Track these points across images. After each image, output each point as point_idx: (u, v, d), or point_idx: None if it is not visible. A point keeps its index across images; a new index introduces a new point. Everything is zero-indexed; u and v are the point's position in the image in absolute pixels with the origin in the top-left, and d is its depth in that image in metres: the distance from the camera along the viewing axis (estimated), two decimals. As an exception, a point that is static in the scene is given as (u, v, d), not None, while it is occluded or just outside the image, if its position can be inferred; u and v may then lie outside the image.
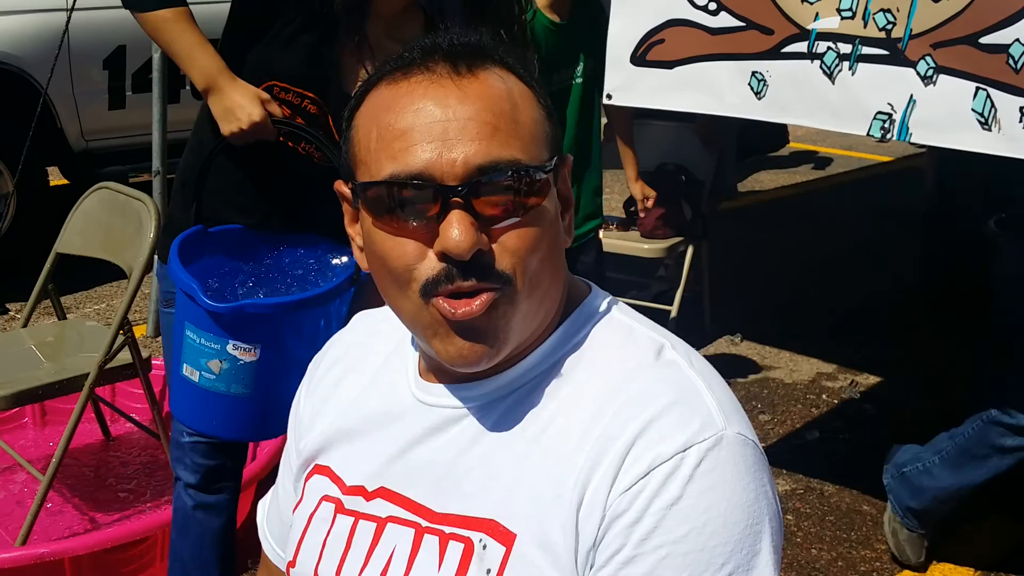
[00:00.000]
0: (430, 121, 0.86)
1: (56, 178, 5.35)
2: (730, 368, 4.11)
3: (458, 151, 0.85)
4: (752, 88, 2.25)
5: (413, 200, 0.86)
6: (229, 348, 1.75)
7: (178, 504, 2.08)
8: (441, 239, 0.85)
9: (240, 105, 1.79)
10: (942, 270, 4.64)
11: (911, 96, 2.02)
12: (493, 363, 0.91)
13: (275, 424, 1.62)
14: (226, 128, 1.81)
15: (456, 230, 0.84)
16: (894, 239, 5.56)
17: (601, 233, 4.25)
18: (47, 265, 2.98)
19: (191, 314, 1.78)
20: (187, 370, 1.80)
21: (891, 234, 5.67)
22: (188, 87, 4.57)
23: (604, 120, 4.16)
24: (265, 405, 1.81)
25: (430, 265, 0.87)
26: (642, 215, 3.97)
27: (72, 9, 3.54)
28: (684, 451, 0.84)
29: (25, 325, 3.06)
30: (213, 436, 1.96)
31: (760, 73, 2.23)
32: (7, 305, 4.50)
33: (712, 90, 2.33)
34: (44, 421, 3.32)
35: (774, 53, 2.21)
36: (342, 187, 0.98)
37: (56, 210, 3.49)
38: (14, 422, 3.30)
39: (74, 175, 5.18)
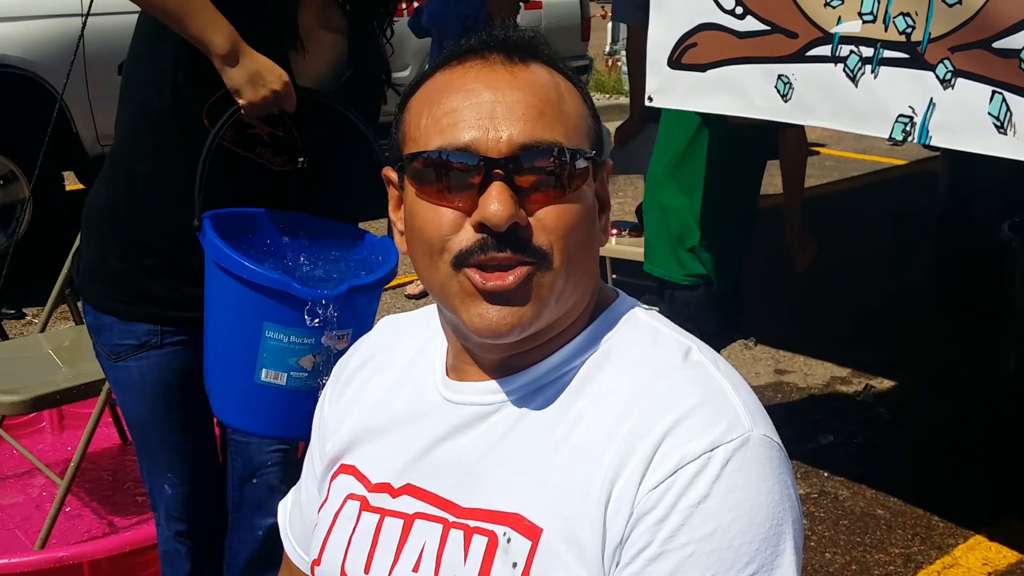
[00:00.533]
0: (479, 101, 0.90)
1: (72, 183, 5.39)
2: (745, 372, 4.10)
3: (504, 130, 0.89)
4: (779, 91, 2.27)
5: (457, 172, 0.89)
6: (324, 340, 1.65)
7: (168, 548, 2.03)
8: (480, 209, 0.88)
9: (268, 67, 1.67)
10: (956, 273, 4.63)
11: (931, 99, 2.01)
12: (523, 335, 0.92)
13: None
14: (255, 94, 1.66)
15: (496, 202, 0.87)
16: (908, 242, 5.55)
17: (613, 240, 4.28)
18: (64, 270, 3.00)
19: (272, 313, 1.64)
20: (268, 375, 1.68)
21: (905, 237, 5.66)
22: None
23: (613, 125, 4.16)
24: None
25: (466, 235, 0.90)
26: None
27: (88, 14, 3.57)
28: (711, 451, 0.85)
29: (43, 330, 3.08)
30: (300, 439, 1.88)
31: (786, 76, 2.25)
32: (24, 310, 4.54)
33: (742, 92, 2.35)
34: (62, 425, 3.34)
35: (799, 56, 2.22)
36: (389, 172, 1.01)
37: (72, 215, 3.50)
38: (32, 426, 3.32)
39: (90, 180, 5.21)
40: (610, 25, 11.83)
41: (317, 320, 1.62)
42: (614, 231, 4.32)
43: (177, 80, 1.72)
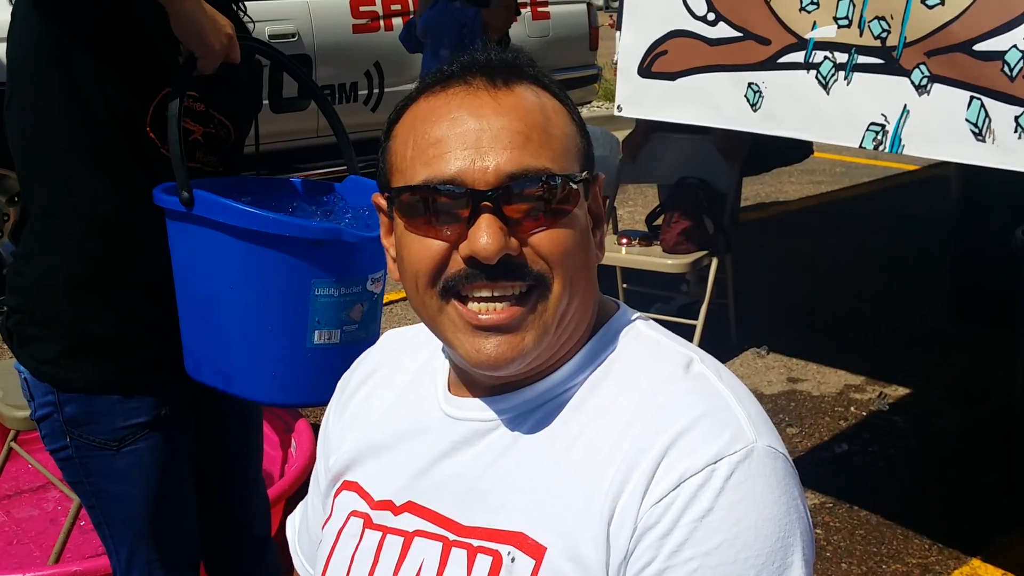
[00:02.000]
0: (464, 130, 0.89)
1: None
2: (757, 381, 4.09)
3: (490, 159, 0.88)
4: (748, 100, 2.23)
5: (445, 205, 0.89)
6: (368, 284, 1.56)
7: None
8: (469, 242, 0.87)
9: (216, 13, 1.57)
10: (971, 280, 4.60)
11: (905, 106, 1.96)
12: (522, 366, 0.91)
13: None
14: (217, 39, 1.55)
15: (485, 234, 0.86)
16: (921, 248, 5.53)
17: (623, 250, 4.28)
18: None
19: (321, 268, 1.52)
20: (321, 337, 1.55)
21: (918, 243, 5.64)
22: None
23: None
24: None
25: (455, 266, 0.89)
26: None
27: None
28: (715, 463, 0.84)
29: (56, 345, 3.08)
30: None
31: (756, 84, 2.21)
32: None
33: (710, 102, 2.31)
34: (75, 440, 3.35)
35: (771, 64, 2.18)
36: (379, 199, 1.00)
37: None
38: (46, 441, 3.33)
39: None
40: (618, 34, 11.83)
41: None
42: (624, 240, 4.31)
43: (108, 97, 1.55)
